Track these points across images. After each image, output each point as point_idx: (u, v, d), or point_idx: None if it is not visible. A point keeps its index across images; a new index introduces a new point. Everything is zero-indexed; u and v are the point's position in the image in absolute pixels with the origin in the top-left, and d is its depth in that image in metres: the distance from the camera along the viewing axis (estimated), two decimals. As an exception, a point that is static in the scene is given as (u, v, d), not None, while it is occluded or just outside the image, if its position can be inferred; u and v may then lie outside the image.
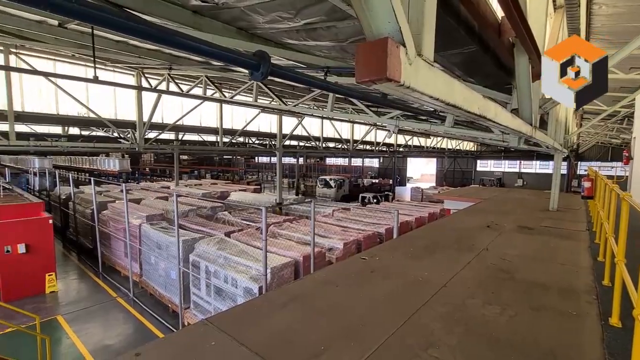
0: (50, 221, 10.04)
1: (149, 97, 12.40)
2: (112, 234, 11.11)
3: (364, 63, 1.11)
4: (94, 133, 17.31)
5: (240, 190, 19.10)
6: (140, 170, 40.42)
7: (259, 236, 8.15)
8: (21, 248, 9.21)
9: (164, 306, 8.72)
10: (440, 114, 8.23)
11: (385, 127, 9.46)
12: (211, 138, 20.98)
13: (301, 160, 38.95)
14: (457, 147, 36.42)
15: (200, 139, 21.79)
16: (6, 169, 32.60)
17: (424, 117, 9.80)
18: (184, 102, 14.80)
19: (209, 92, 11.01)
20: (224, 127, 16.84)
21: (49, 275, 9.76)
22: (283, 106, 9.88)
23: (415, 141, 32.00)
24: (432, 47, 1.43)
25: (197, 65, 8.75)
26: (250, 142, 24.31)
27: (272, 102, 13.96)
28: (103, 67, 10.83)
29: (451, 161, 43.86)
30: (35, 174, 21.71)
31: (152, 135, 14.50)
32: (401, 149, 32.35)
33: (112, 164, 32.53)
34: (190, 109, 13.54)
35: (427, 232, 5.93)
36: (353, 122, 21.98)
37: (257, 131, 20.54)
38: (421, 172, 55.67)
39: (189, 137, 21.50)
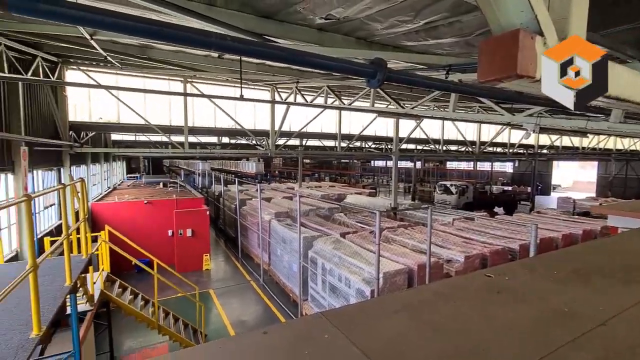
0: (208, 212, 12.62)
1: (280, 108, 14.16)
2: (249, 227, 13.09)
3: (488, 60, 1.01)
4: (238, 141, 20.84)
5: (355, 193, 19.61)
6: (271, 173, 46.31)
7: (372, 239, 8.21)
8: (189, 232, 11.88)
9: (287, 295, 9.73)
10: (602, 107, 6.53)
11: (522, 126, 8.11)
12: (330, 143, 22.29)
13: (418, 164, 37.24)
14: (632, 147, 27.98)
15: (321, 144, 23.43)
16: (181, 170, 42.61)
17: (577, 112, 7.97)
18: (307, 110, 16.24)
19: (330, 101, 11.77)
20: (342, 132, 17.68)
21: (205, 256, 12.26)
22: (400, 109, 9.69)
23: (565, 141, 26.20)
24: (583, 30, 1.18)
25: (320, 77, 9.49)
26: (366, 146, 24.69)
27: (389, 106, 13.81)
28: (246, 86, 12.93)
29: (621, 165, 33.96)
30: (199, 174, 27.68)
31: (281, 141, 16.46)
32: (544, 151, 27.06)
33: (250, 166, 38.49)
34: (313, 117, 14.76)
35: (579, 253, 4.81)
36: (480, 122, 19.67)
37: (374, 135, 20.70)
38: (573, 178, 45.27)
39: (311, 142, 23.42)
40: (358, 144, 23.37)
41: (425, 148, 23.66)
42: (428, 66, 5.81)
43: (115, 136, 19.11)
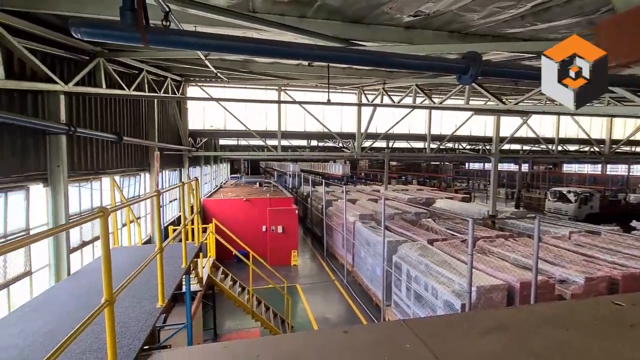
0: (296, 211, 13.42)
1: (366, 111, 14.18)
2: (334, 227, 13.42)
3: (609, 43, 0.84)
4: (326, 144, 21.60)
5: (446, 197, 18.25)
6: (357, 175, 46.55)
7: (464, 249, 7.52)
8: (280, 229, 12.82)
9: (369, 298, 9.65)
10: None
11: (675, 119, 6.36)
12: (419, 144, 21.25)
13: (525, 166, 32.47)
14: None
15: (409, 146, 22.54)
16: (274, 171, 46.34)
17: None
18: (394, 111, 15.84)
19: (419, 100, 11.25)
20: (431, 133, 16.70)
21: (293, 252, 13.05)
22: (500, 105, 8.65)
23: None
24: None
25: (408, 76, 9.16)
26: (460, 147, 22.76)
27: (488, 102, 12.50)
28: (333, 90, 13.31)
29: None
30: (289, 175, 29.65)
31: (367, 144, 16.43)
32: None
33: (337, 168, 39.45)
34: (400, 118, 14.31)
35: None
36: (611, 116, 16.14)
37: (469, 135, 18.98)
38: None
39: (398, 144, 22.73)
40: (450, 145, 21.72)
41: (533, 148, 20.57)
42: (536, 54, 5.05)
43: (222, 141, 21.91)
